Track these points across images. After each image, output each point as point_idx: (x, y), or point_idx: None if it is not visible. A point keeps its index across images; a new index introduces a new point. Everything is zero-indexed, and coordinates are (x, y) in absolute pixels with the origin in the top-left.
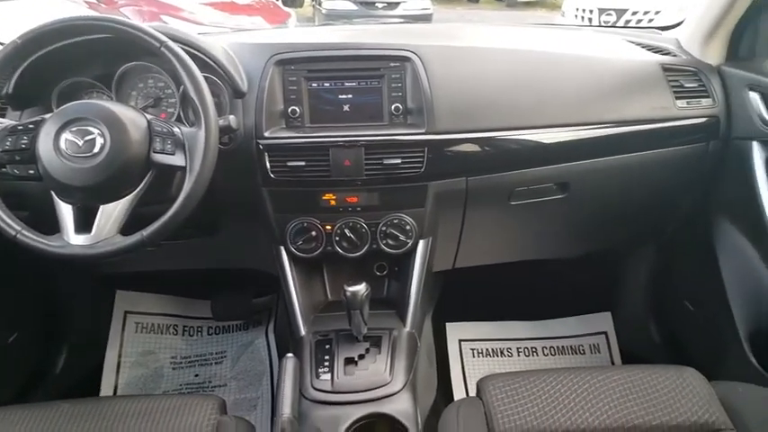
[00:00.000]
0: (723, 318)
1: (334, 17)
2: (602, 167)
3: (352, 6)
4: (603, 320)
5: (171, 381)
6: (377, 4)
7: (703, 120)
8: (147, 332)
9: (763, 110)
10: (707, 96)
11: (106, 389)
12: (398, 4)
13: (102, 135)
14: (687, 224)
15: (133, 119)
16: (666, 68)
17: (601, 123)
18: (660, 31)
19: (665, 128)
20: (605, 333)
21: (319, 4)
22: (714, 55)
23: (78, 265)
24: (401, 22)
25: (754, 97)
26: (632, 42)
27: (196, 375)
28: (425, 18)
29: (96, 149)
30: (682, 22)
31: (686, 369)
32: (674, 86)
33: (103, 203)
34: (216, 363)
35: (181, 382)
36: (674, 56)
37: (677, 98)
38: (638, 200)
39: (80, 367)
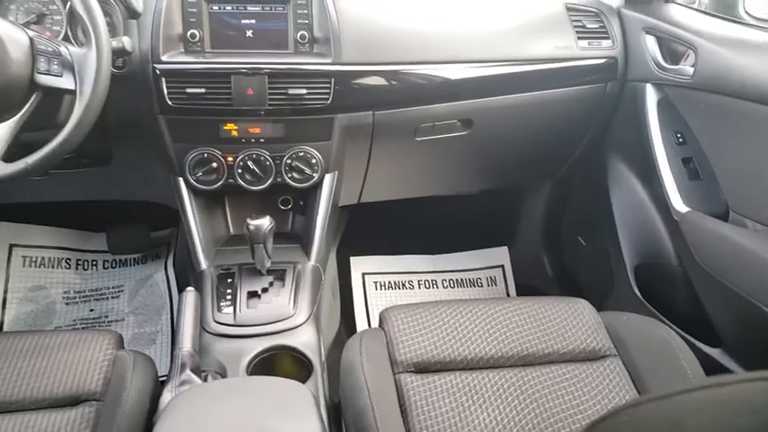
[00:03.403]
0: (612, 253)
1: None
2: (505, 105)
3: None
4: (500, 254)
5: (64, 316)
6: None
7: (603, 61)
8: (36, 266)
9: (658, 53)
10: (607, 38)
11: None
12: None
13: None
14: (583, 163)
15: (12, 35)
16: (570, 8)
17: (505, 61)
18: None
19: (567, 67)
20: (502, 266)
21: None
22: None
23: None
24: None
25: (650, 41)
26: None
27: (91, 310)
28: None
29: None
30: None
31: (578, 300)
32: (576, 27)
33: None
34: (113, 297)
35: (75, 317)
36: None
37: (579, 38)
38: (538, 138)
39: None
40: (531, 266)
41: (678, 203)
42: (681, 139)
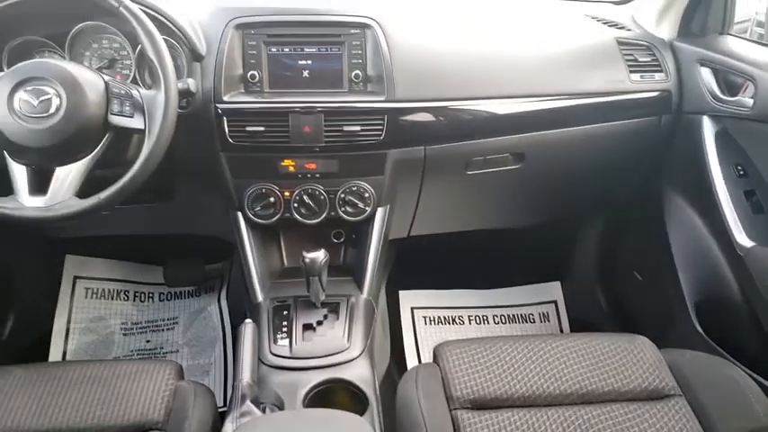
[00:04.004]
0: (671, 288)
1: None
2: (557, 139)
3: None
4: (553, 289)
5: (122, 347)
6: None
7: (656, 94)
8: (97, 298)
9: (714, 85)
10: (660, 71)
11: (55, 355)
12: None
13: (59, 95)
14: (638, 196)
15: (90, 79)
16: (621, 42)
17: (557, 95)
18: (616, 5)
19: (620, 101)
20: (555, 302)
21: None
22: (667, 30)
23: (29, 228)
24: None
25: (706, 73)
26: (589, 16)
27: (147, 341)
28: None
29: (52, 110)
30: None
31: (637, 337)
32: (628, 60)
33: (59, 165)
34: (168, 329)
35: (132, 348)
36: (629, 30)
37: (631, 72)
38: (591, 171)
39: (28, 333)
40: (584, 302)
41: (742, 238)
42: (742, 172)
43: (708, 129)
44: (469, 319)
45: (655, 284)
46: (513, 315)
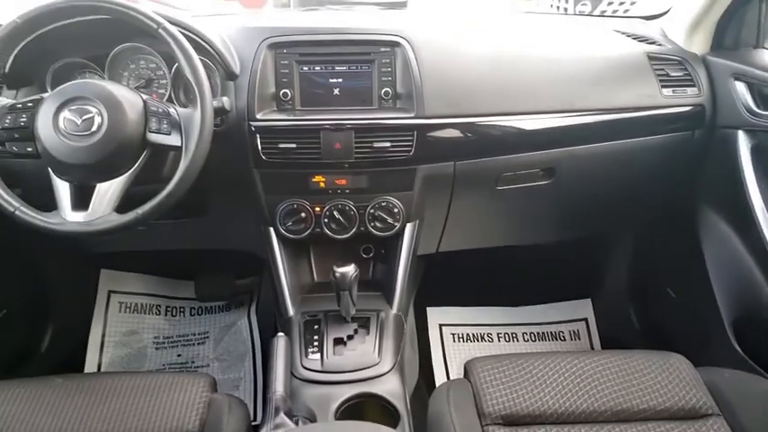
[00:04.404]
0: (707, 305)
1: (310, 2)
2: (588, 154)
3: None
4: (584, 307)
5: (154, 360)
6: None
7: (689, 108)
8: (130, 312)
9: (749, 99)
10: (692, 85)
11: (90, 367)
12: None
13: (100, 114)
14: (670, 211)
15: (129, 98)
16: (652, 57)
17: (587, 111)
18: (645, 21)
19: (651, 116)
20: (585, 320)
21: None
22: (699, 44)
23: (70, 243)
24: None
25: (740, 87)
26: (618, 32)
27: (179, 355)
28: (401, 5)
29: (94, 128)
30: (666, 12)
31: (672, 355)
32: (659, 75)
33: (100, 182)
34: (198, 343)
35: (164, 362)
36: (660, 45)
37: (663, 87)
38: (623, 187)
39: (65, 346)
40: (616, 319)
41: None
42: None
43: (743, 143)
44: (498, 337)
45: (689, 302)
46: (543, 333)
